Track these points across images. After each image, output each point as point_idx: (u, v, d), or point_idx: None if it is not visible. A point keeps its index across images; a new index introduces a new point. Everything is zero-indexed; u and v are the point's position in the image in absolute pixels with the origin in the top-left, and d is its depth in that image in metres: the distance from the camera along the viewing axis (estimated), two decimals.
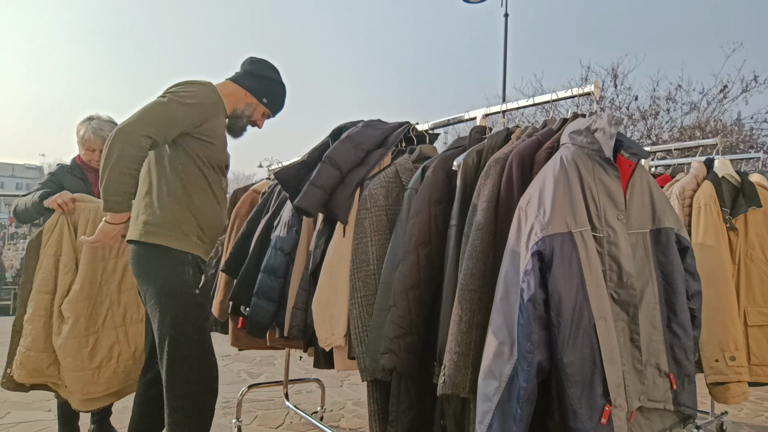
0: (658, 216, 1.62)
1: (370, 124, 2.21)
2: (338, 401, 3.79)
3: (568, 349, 1.32)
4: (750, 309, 2.42)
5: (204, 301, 2.11)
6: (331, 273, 2.01)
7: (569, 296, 1.34)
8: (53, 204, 2.41)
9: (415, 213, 1.73)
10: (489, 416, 1.37)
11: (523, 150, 1.61)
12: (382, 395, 1.89)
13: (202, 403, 2.03)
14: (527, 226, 1.40)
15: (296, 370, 4.30)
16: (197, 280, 2.03)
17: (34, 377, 2.33)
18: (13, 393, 2.34)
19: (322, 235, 2.14)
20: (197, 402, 2.01)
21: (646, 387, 1.49)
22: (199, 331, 2.03)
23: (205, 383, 2.03)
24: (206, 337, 2.07)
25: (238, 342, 2.84)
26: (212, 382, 2.07)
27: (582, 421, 1.32)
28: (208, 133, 2.01)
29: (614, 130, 1.49)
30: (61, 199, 2.41)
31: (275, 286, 2.41)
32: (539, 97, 1.94)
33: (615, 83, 10.73)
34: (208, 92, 2.03)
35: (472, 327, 1.51)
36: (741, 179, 2.56)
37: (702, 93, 10.41)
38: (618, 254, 1.46)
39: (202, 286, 2.08)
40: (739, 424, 3.49)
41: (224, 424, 3.23)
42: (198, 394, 2.01)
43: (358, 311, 1.89)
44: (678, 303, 1.59)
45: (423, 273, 1.68)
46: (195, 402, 2.00)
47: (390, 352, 1.65)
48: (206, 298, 2.13)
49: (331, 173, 2.02)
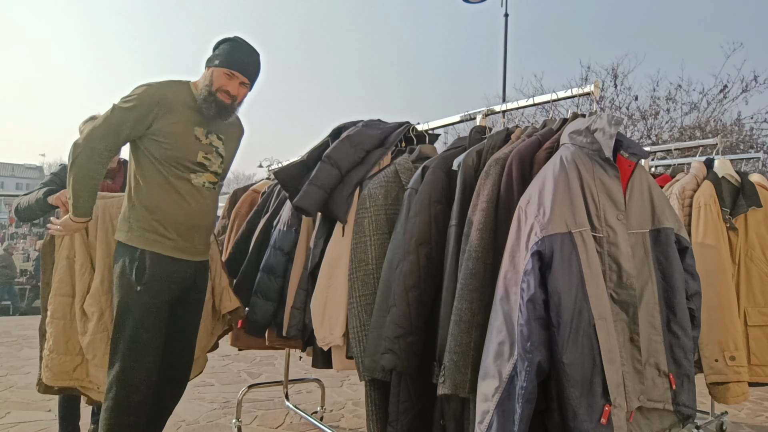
0: (658, 216, 1.61)
1: (369, 123, 2.21)
2: (338, 401, 3.79)
3: (567, 349, 1.32)
4: (750, 309, 2.41)
5: (150, 299, 2.04)
6: (329, 272, 2.01)
7: (569, 296, 1.34)
8: (57, 201, 2.39)
9: (415, 213, 1.73)
10: (489, 416, 1.37)
11: (522, 150, 1.61)
12: (380, 395, 1.89)
13: (126, 399, 2.01)
14: (527, 226, 1.40)
15: (296, 370, 4.30)
16: (140, 276, 2.02)
17: (61, 380, 2.32)
18: (13, 393, 2.34)
19: (321, 235, 2.14)
20: (119, 397, 2.01)
21: (645, 387, 1.49)
22: (135, 328, 2.01)
23: (130, 381, 2.01)
24: (145, 335, 2.03)
25: (238, 342, 2.85)
26: (138, 384, 2.03)
27: (582, 421, 1.32)
28: (157, 133, 2.05)
29: (614, 130, 1.49)
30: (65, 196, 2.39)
31: (274, 286, 2.42)
32: (539, 97, 1.94)
33: (615, 83, 10.73)
34: (150, 92, 2.04)
35: (472, 327, 1.51)
36: (741, 179, 2.56)
37: (702, 93, 10.42)
38: (618, 254, 1.46)
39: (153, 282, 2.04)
40: (739, 424, 3.49)
41: (224, 424, 3.23)
42: (122, 389, 2.01)
43: (356, 311, 1.89)
44: (677, 303, 1.59)
45: (423, 273, 1.68)
46: (117, 396, 2.01)
47: (390, 352, 1.65)
48: (158, 295, 2.05)
49: (331, 173, 2.02)
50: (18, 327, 6.28)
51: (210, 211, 2.20)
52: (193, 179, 2.10)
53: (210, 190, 2.17)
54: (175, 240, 2.08)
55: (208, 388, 3.98)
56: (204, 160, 2.13)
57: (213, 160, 2.16)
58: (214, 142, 2.17)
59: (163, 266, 2.06)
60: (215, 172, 2.18)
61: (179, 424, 3.18)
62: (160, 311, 2.07)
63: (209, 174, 2.15)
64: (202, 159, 2.12)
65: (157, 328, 2.07)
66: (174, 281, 2.10)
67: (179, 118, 2.07)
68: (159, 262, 2.05)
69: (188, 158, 2.08)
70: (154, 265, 2.04)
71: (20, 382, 3.94)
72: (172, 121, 2.06)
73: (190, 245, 2.13)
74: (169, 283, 2.08)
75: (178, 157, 2.07)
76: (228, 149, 2.25)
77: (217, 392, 3.89)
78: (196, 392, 3.85)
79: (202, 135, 2.13)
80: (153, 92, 2.05)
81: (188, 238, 2.12)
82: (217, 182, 2.20)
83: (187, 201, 2.09)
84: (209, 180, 2.16)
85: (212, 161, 2.16)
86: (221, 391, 3.91)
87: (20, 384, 3.89)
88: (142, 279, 2.03)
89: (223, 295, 2.49)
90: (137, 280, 2.02)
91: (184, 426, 3.18)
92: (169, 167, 2.06)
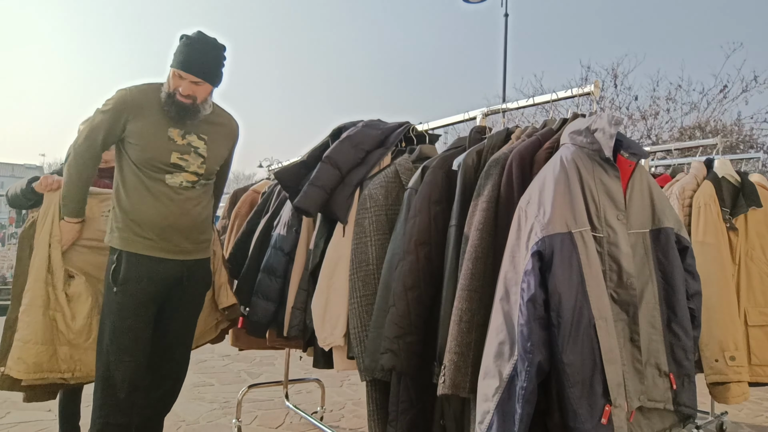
0: (658, 216, 1.61)
1: (370, 124, 2.21)
2: (338, 401, 3.79)
3: (568, 349, 1.32)
4: (750, 309, 2.42)
5: (127, 300, 2.05)
6: (330, 273, 2.01)
7: (569, 296, 1.34)
8: (40, 186, 2.34)
9: (414, 213, 1.73)
10: (489, 416, 1.37)
11: (523, 150, 1.61)
12: (381, 395, 1.89)
13: (112, 397, 2.05)
14: (527, 226, 1.40)
15: (296, 370, 4.30)
16: (116, 277, 2.05)
17: (33, 372, 2.24)
18: (13, 393, 2.31)
19: (322, 235, 2.14)
20: (105, 396, 2.05)
21: (645, 387, 1.49)
22: (113, 329, 2.04)
23: (112, 381, 2.04)
24: (124, 336, 2.04)
25: (238, 342, 2.85)
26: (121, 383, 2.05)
27: (582, 421, 1.32)
28: (130, 135, 2.09)
29: (614, 130, 1.49)
30: (48, 179, 2.34)
31: (275, 286, 2.42)
32: (539, 97, 1.94)
33: (615, 83, 10.72)
34: (122, 96, 2.08)
35: (472, 327, 1.51)
36: (741, 179, 2.56)
37: (702, 93, 10.41)
38: (618, 254, 1.46)
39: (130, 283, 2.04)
40: (739, 424, 3.49)
41: (224, 424, 3.23)
42: (106, 388, 2.05)
43: (357, 311, 1.89)
44: (678, 303, 1.59)
45: (422, 273, 1.68)
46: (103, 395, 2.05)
47: (389, 352, 1.65)
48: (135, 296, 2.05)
49: (331, 173, 2.02)
50: None
51: (190, 209, 2.15)
52: (167, 179, 2.10)
53: (189, 189, 2.14)
54: (153, 240, 2.08)
55: (208, 388, 3.98)
56: (179, 161, 2.11)
57: (191, 161, 2.13)
58: (193, 143, 2.15)
59: (142, 266, 2.07)
60: (194, 172, 2.15)
61: (179, 424, 3.18)
62: (140, 312, 2.07)
63: (187, 174, 2.13)
64: (177, 160, 2.11)
65: (138, 329, 2.07)
66: (155, 281, 2.09)
67: (151, 120, 2.09)
68: (137, 262, 2.06)
69: (161, 159, 2.08)
70: (131, 265, 2.06)
71: None
72: (143, 124, 2.08)
73: (171, 245, 2.12)
74: (149, 283, 2.08)
75: (151, 159, 2.07)
76: (212, 149, 2.20)
77: (217, 392, 3.89)
78: (196, 392, 3.85)
79: (177, 136, 2.12)
80: (125, 96, 2.08)
81: (167, 237, 2.10)
82: (198, 180, 2.17)
83: (162, 202, 2.09)
84: (187, 179, 2.13)
85: (190, 162, 2.13)
86: (221, 391, 3.91)
87: None
88: (118, 280, 2.05)
89: (221, 291, 2.48)
90: (114, 281, 2.05)
91: (184, 426, 3.18)
92: (143, 169, 2.08)
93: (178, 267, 2.15)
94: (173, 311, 2.21)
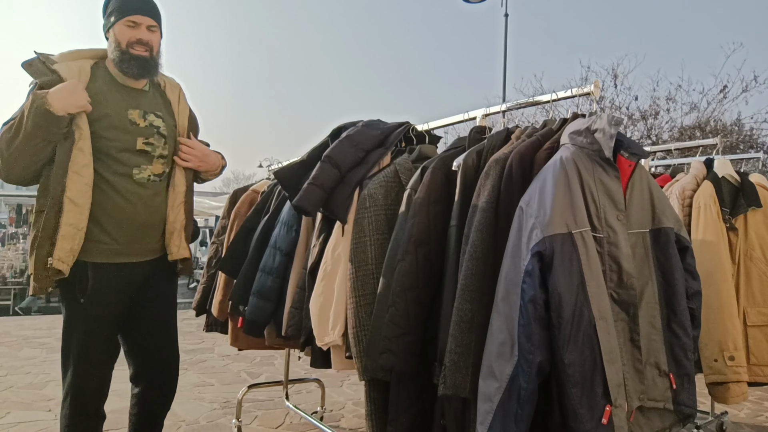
0: (658, 216, 1.62)
1: (369, 123, 2.21)
2: (338, 401, 3.79)
3: (568, 349, 1.32)
4: (749, 309, 2.42)
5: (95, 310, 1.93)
6: (329, 272, 2.01)
7: (569, 296, 1.34)
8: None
9: (414, 213, 1.73)
10: (490, 417, 1.37)
11: (523, 150, 1.61)
12: (380, 395, 1.89)
13: (82, 406, 1.96)
14: (527, 226, 1.40)
15: (296, 370, 4.30)
16: (83, 287, 1.92)
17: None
18: (13, 393, 2.31)
19: (321, 235, 2.13)
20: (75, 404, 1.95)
21: (646, 386, 1.49)
22: (82, 342, 1.93)
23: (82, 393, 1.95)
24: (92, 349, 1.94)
25: (237, 342, 2.85)
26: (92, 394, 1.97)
27: (582, 422, 1.32)
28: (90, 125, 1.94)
29: (614, 131, 1.49)
30: None
31: (273, 286, 2.41)
32: (539, 97, 1.94)
33: (615, 83, 10.75)
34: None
35: (472, 327, 1.51)
36: (741, 179, 2.56)
37: (702, 93, 10.45)
38: (618, 254, 1.46)
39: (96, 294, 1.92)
40: (739, 424, 3.49)
41: (224, 424, 3.23)
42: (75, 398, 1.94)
43: (356, 311, 1.88)
44: (677, 303, 1.59)
45: (421, 273, 1.68)
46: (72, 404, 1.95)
47: (388, 352, 1.65)
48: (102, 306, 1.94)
49: (331, 172, 2.02)
50: (18, 327, 6.28)
51: (160, 204, 2.04)
52: (134, 175, 1.96)
53: (156, 183, 2.02)
54: (121, 245, 1.96)
55: (208, 388, 3.98)
56: (145, 147, 1.98)
57: (156, 143, 2.01)
58: (154, 122, 2.02)
59: (110, 275, 1.95)
60: (161, 155, 2.02)
61: (179, 424, 3.19)
62: (111, 321, 1.98)
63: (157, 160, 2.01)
64: (143, 146, 1.97)
65: (108, 340, 1.99)
66: (121, 289, 1.99)
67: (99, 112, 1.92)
68: (102, 272, 1.94)
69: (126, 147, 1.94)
70: (98, 277, 1.93)
71: (20, 382, 3.94)
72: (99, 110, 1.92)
73: (140, 247, 2.01)
74: (116, 293, 1.97)
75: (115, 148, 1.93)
76: (169, 124, 2.07)
77: (217, 392, 3.89)
78: (196, 392, 3.85)
79: (138, 118, 1.98)
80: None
81: (137, 240, 1.99)
82: (164, 172, 2.05)
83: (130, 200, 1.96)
84: (154, 173, 2.01)
85: (155, 145, 2.01)
86: (221, 391, 3.91)
87: (20, 384, 3.90)
88: (85, 290, 1.91)
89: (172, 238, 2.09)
90: (80, 292, 1.91)
91: (184, 426, 3.18)
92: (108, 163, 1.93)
93: (146, 266, 2.06)
94: (149, 310, 2.10)
